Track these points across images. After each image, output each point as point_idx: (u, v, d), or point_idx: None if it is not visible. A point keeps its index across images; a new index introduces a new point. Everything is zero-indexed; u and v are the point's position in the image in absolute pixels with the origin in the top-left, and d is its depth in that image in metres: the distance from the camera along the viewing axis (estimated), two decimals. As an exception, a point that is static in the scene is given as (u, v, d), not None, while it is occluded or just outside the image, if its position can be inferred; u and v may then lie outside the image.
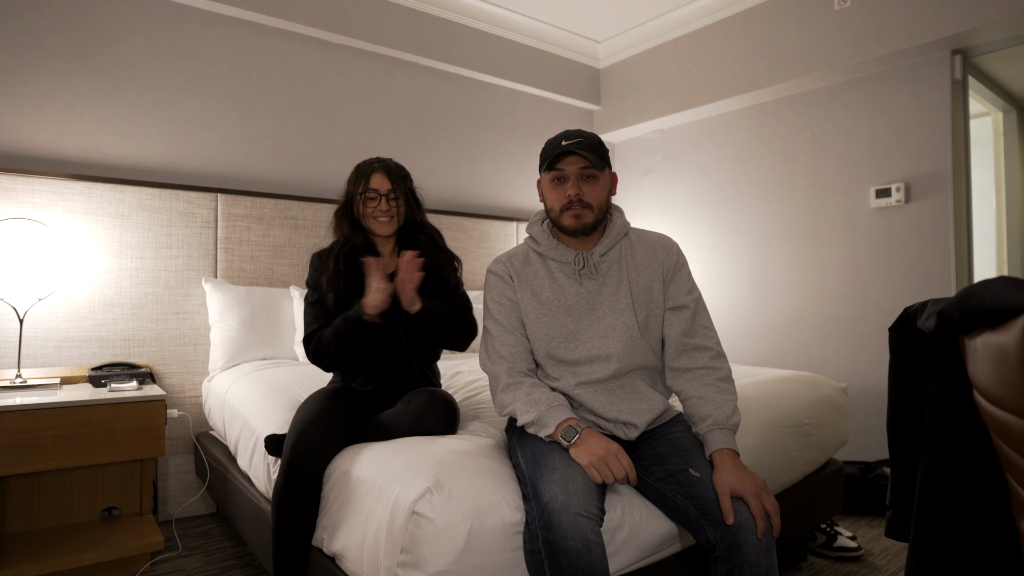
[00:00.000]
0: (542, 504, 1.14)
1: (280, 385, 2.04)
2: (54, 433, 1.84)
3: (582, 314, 1.44)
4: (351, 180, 1.73)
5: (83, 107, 2.43)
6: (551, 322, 1.44)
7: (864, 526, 2.43)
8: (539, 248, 1.50)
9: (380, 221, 1.68)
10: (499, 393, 1.42)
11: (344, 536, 1.29)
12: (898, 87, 2.84)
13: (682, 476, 1.29)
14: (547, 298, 1.46)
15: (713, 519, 1.20)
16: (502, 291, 1.49)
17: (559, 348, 1.43)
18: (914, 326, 0.84)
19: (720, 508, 1.20)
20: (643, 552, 1.31)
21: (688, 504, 1.25)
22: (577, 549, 1.08)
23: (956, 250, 2.66)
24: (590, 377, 1.42)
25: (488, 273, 1.54)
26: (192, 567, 2.08)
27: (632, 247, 1.51)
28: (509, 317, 1.47)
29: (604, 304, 1.45)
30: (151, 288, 2.49)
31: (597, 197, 1.43)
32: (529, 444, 1.31)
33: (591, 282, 1.46)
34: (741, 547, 1.17)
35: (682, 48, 3.62)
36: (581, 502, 1.13)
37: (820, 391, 2.06)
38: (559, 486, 1.15)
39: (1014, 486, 0.67)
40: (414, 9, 3.27)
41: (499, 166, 3.73)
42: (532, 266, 1.50)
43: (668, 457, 1.33)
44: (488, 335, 1.49)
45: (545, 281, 1.47)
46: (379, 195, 1.67)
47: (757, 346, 3.37)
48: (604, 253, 1.48)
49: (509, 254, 1.54)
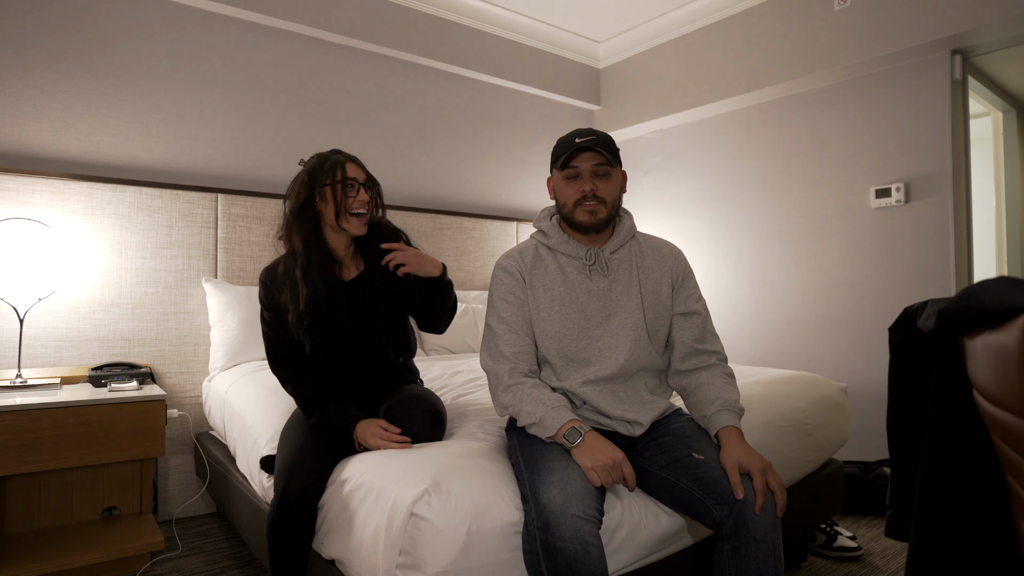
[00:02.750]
0: (540, 505, 1.14)
1: (280, 386, 2.03)
2: (54, 433, 1.84)
3: (594, 311, 1.44)
4: (311, 173, 1.54)
5: (83, 107, 2.43)
6: (564, 319, 1.43)
7: (864, 526, 2.43)
8: (549, 242, 1.49)
9: (357, 220, 1.54)
10: (500, 393, 1.40)
11: (342, 539, 1.29)
12: (898, 87, 2.84)
13: (686, 460, 1.30)
14: (560, 293, 1.45)
15: (719, 497, 1.21)
16: (511, 288, 1.47)
17: (572, 344, 1.43)
18: (914, 326, 0.84)
19: (727, 485, 1.21)
20: (643, 551, 1.31)
21: (693, 486, 1.26)
22: (575, 551, 1.08)
23: (956, 250, 2.66)
24: (597, 375, 1.42)
25: (497, 268, 1.50)
26: (192, 567, 2.08)
27: (641, 249, 1.52)
28: (516, 316, 1.45)
29: (615, 302, 1.45)
30: (151, 288, 2.49)
31: (611, 193, 1.44)
32: (528, 445, 1.31)
33: (602, 278, 1.46)
34: (748, 523, 1.17)
35: (682, 48, 3.62)
36: (579, 504, 1.13)
37: (820, 391, 2.06)
38: (557, 488, 1.15)
39: (1014, 486, 0.67)
40: (414, 9, 3.27)
41: (499, 166, 3.73)
42: (543, 261, 1.49)
43: (671, 445, 1.35)
44: (491, 333, 1.46)
45: (557, 276, 1.46)
46: (358, 184, 1.54)
47: (757, 346, 3.37)
48: (615, 251, 1.49)
49: (519, 249, 1.52)
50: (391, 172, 3.27)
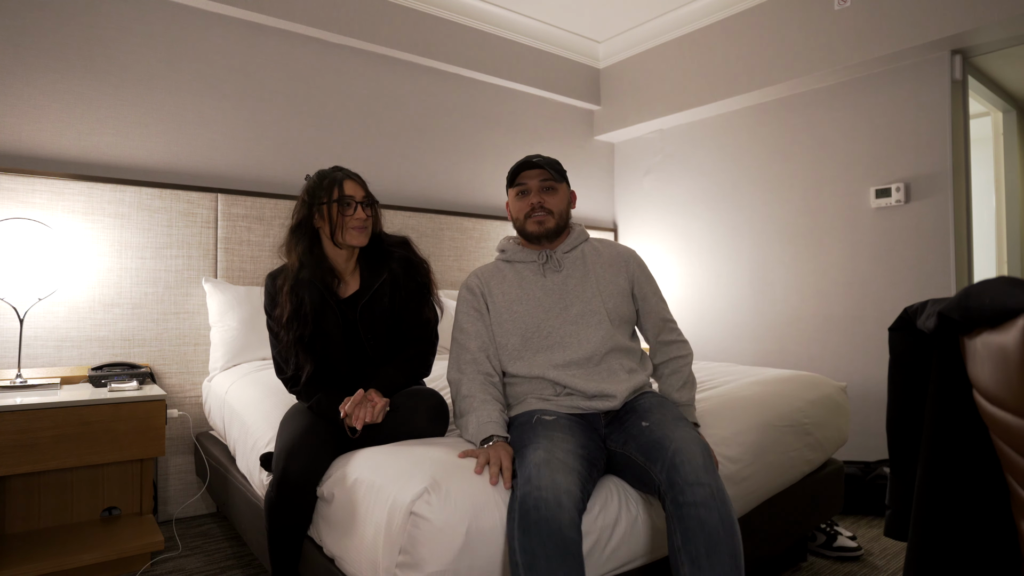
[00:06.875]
0: (525, 463, 1.19)
1: (280, 386, 2.03)
2: (54, 433, 1.84)
3: (551, 303, 1.56)
4: (311, 191, 1.61)
5: (83, 107, 2.43)
6: (522, 315, 1.56)
7: (864, 526, 2.43)
8: (507, 256, 1.66)
9: (357, 231, 1.59)
10: (456, 402, 1.52)
11: (342, 537, 1.29)
12: (898, 87, 2.84)
13: (635, 430, 1.34)
14: (516, 295, 1.58)
15: (654, 456, 1.23)
16: (471, 303, 1.61)
17: (534, 336, 1.54)
18: (914, 326, 0.84)
19: (663, 446, 1.22)
20: (642, 550, 1.31)
21: (638, 454, 1.28)
22: (547, 499, 1.09)
23: (956, 250, 2.66)
24: (566, 359, 1.50)
25: (461, 289, 1.66)
26: (192, 567, 2.08)
27: (596, 250, 1.66)
28: (476, 325, 1.58)
29: (571, 293, 1.57)
30: (151, 288, 2.49)
31: (557, 205, 1.60)
32: (518, 437, 1.36)
33: (555, 275, 1.60)
34: (678, 468, 1.16)
35: (682, 48, 3.62)
36: (562, 468, 1.17)
37: (820, 391, 2.06)
38: (543, 451, 1.21)
39: (1014, 486, 0.67)
40: (414, 9, 3.27)
41: (499, 166, 3.73)
42: (501, 273, 1.64)
43: (629, 421, 1.39)
44: (455, 345, 1.59)
45: (513, 282, 1.61)
46: (355, 202, 1.58)
47: (757, 346, 3.37)
48: (567, 251, 1.63)
49: (480, 270, 1.68)
50: (391, 172, 3.27)
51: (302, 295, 1.57)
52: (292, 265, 1.60)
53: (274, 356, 1.64)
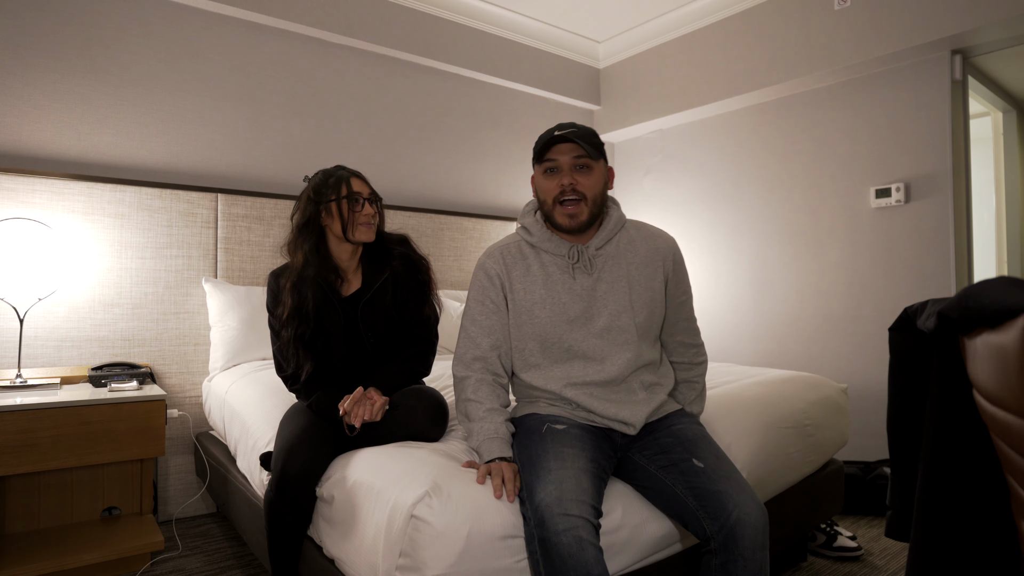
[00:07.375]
0: (535, 502, 1.14)
1: (280, 386, 2.03)
2: (54, 433, 1.84)
3: (577, 312, 1.40)
4: (317, 189, 1.62)
5: (83, 107, 2.43)
6: (544, 321, 1.41)
7: (864, 526, 2.43)
8: (532, 239, 1.45)
9: (365, 227, 1.61)
10: (460, 403, 1.44)
11: (343, 540, 1.29)
12: (898, 87, 2.84)
13: (684, 465, 1.28)
14: (540, 296, 1.42)
15: (711, 511, 1.20)
16: (487, 292, 1.45)
17: (554, 347, 1.41)
18: (914, 326, 0.84)
19: (721, 501, 1.20)
20: (643, 552, 1.31)
21: (688, 494, 1.25)
22: (569, 545, 1.07)
23: (956, 250, 2.66)
24: (583, 379, 1.40)
25: (478, 268, 1.48)
26: (192, 567, 2.08)
27: (632, 242, 1.47)
28: (489, 320, 1.44)
29: (599, 302, 1.41)
30: (151, 288, 2.49)
31: (592, 188, 1.38)
32: (526, 447, 1.31)
33: (586, 277, 1.41)
34: (737, 541, 1.17)
35: (682, 48, 3.62)
36: (574, 501, 1.12)
37: (820, 391, 2.06)
38: (553, 485, 1.15)
39: (1014, 486, 0.67)
40: (414, 9, 3.27)
41: (499, 166, 3.73)
42: (525, 260, 1.45)
43: (672, 447, 1.33)
44: (463, 335, 1.47)
45: (538, 277, 1.43)
46: (363, 199, 1.61)
47: (757, 346, 3.37)
48: (600, 247, 1.43)
49: (501, 247, 1.48)
50: (391, 172, 3.27)
51: (305, 292, 1.58)
52: (297, 263, 1.60)
53: (274, 354, 1.65)
